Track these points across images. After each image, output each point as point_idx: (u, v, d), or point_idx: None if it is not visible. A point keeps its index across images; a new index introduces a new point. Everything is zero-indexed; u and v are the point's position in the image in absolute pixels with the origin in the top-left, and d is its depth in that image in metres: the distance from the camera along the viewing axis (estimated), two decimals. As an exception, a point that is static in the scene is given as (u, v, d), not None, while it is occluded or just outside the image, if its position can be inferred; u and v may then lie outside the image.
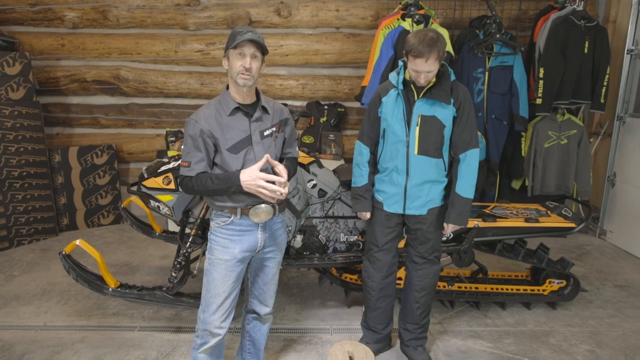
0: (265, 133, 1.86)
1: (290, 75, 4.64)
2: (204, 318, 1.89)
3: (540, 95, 3.77)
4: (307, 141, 4.49)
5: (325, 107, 4.57)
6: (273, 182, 1.76)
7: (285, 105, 2.82)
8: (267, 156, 1.79)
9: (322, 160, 2.95)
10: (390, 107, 2.21)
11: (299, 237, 2.76)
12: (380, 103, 2.26)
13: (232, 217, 1.85)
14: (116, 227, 4.57)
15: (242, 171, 1.76)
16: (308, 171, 2.74)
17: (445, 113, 2.16)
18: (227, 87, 1.87)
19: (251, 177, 1.73)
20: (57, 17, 4.43)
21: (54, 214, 4.23)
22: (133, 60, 4.58)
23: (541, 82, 3.75)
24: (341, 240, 2.83)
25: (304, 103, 4.66)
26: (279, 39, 4.51)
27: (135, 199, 3.19)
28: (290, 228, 2.63)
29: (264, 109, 1.88)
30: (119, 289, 2.57)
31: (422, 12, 3.69)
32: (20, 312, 2.92)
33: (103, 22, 4.46)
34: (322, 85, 4.63)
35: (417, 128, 2.16)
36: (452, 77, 2.20)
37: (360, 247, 2.86)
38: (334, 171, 2.88)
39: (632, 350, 2.55)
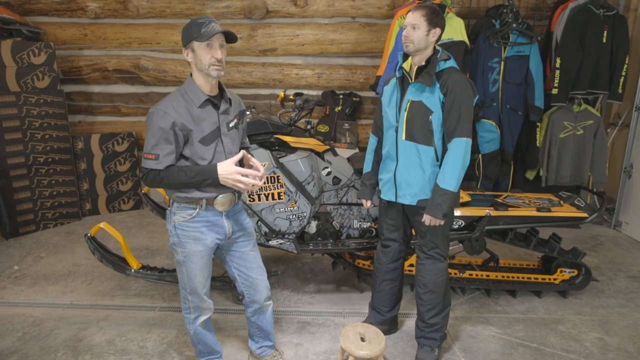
0: (231, 125, 1.89)
1: (306, 64, 4.69)
2: (194, 300, 2.00)
3: (556, 85, 3.76)
4: (322, 130, 4.55)
5: (341, 96, 4.61)
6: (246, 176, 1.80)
7: (300, 94, 2.89)
8: (243, 152, 1.86)
9: (336, 149, 3.01)
10: (388, 95, 2.27)
11: (314, 223, 2.83)
12: (384, 92, 2.32)
13: (197, 209, 1.86)
14: (136, 213, 4.71)
15: (218, 165, 1.77)
16: (323, 159, 2.81)
17: (432, 99, 2.11)
18: (191, 76, 1.85)
19: (228, 171, 1.75)
20: (80, 7, 4.54)
21: (77, 199, 4.39)
22: (153, 50, 4.68)
23: (557, 72, 3.74)
24: (354, 226, 2.90)
25: (320, 92, 4.71)
26: (295, 28, 4.55)
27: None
28: (305, 214, 2.71)
29: (229, 101, 1.90)
30: (141, 270, 2.69)
31: (437, 1, 3.70)
32: (49, 290, 3.07)
33: (123, 12, 4.56)
34: (337, 75, 4.66)
35: (405, 113, 2.16)
36: (448, 65, 2.13)
37: (374, 233, 2.93)
38: (348, 159, 2.94)
39: (641, 339, 2.59)
